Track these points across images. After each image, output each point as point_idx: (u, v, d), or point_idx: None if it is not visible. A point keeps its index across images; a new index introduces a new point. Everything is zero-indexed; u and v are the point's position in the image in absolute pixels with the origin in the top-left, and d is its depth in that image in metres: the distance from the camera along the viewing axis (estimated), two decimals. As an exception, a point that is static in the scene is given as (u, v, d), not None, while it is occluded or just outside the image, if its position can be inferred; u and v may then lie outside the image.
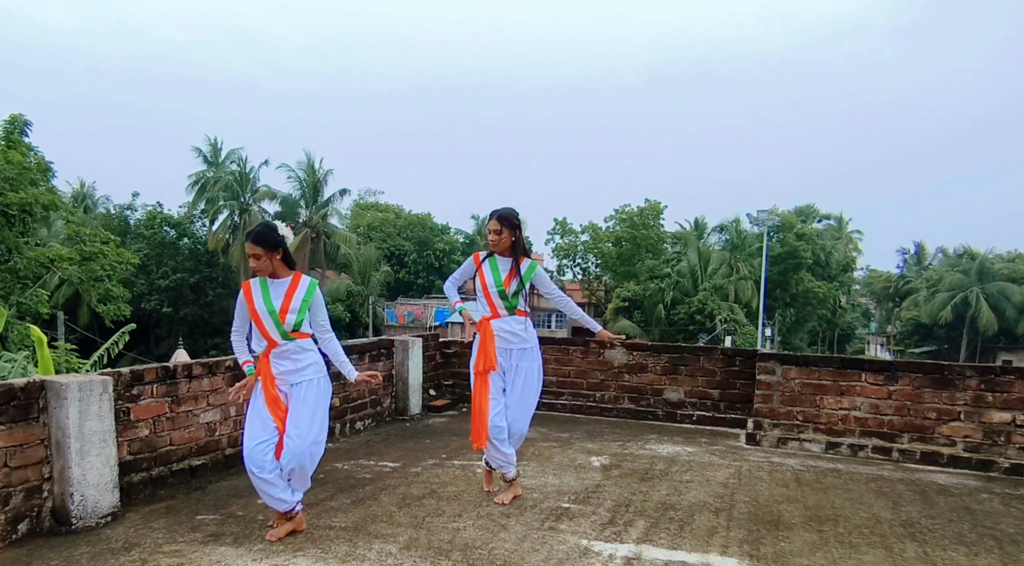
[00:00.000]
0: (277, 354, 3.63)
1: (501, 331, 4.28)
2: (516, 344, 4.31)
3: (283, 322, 3.59)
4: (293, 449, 3.56)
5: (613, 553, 3.60)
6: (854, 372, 5.98)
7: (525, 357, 4.35)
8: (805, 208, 49.17)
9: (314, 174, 40.60)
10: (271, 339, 3.61)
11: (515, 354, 4.32)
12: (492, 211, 4.33)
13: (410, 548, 3.59)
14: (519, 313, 4.32)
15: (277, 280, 3.66)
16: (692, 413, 6.98)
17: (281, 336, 3.61)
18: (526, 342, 4.34)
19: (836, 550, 3.74)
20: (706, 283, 37.12)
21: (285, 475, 3.62)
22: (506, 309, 4.28)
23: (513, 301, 4.28)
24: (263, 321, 3.60)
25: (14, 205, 17.50)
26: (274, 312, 3.58)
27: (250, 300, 3.64)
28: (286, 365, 3.63)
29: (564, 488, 4.71)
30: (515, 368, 4.33)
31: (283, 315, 3.59)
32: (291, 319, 3.60)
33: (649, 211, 41.58)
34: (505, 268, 4.28)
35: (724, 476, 5.12)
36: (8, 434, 3.57)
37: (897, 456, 5.77)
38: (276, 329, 3.60)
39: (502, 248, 4.29)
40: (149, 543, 3.60)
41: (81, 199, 41.66)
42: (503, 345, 4.30)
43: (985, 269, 47.33)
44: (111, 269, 21.32)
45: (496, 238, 4.26)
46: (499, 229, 4.25)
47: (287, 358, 3.63)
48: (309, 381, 3.67)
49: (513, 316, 4.30)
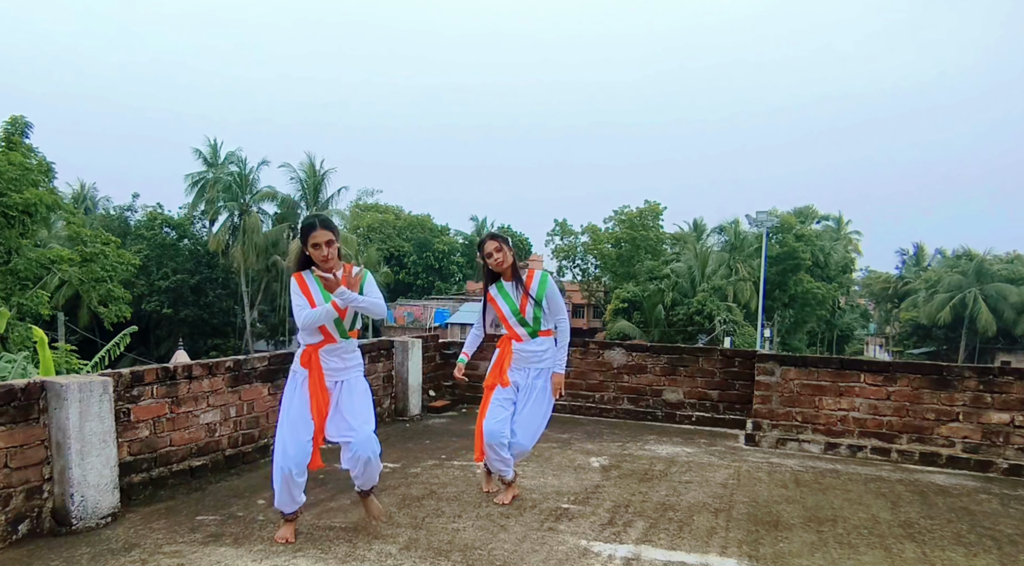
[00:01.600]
0: (329, 351, 3.58)
1: (522, 351, 4.27)
2: (534, 363, 4.28)
3: (343, 319, 3.55)
4: (359, 440, 3.53)
5: (612, 554, 3.61)
6: (853, 373, 5.99)
7: (543, 376, 4.31)
8: (804, 209, 49.22)
9: (315, 175, 40.62)
10: (329, 335, 3.55)
11: (532, 372, 4.29)
12: (485, 234, 4.33)
13: (410, 549, 3.60)
14: (542, 334, 4.28)
15: (331, 275, 3.52)
16: (691, 414, 6.99)
17: (340, 334, 3.58)
18: (545, 361, 4.30)
19: (835, 551, 3.75)
20: (705, 284, 37.14)
21: (355, 473, 3.63)
22: (529, 334, 4.26)
23: (535, 325, 4.25)
24: None
25: (16, 206, 17.51)
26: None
27: (307, 293, 3.51)
28: (336, 363, 3.60)
29: (563, 489, 4.72)
30: (530, 386, 4.30)
31: (343, 313, 3.50)
32: (350, 316, 3.56)
33: (648, 212, 41.61)
34: (514, 292, 4.24)
35: (723, 477, 5.13)
36: (8, 435, 3.57)
37: (896, 457, 5.78)
38: (335, 327, 3.56)
39: (506, 267, 4.24)
40: (149, 544, 3.61)
41: (81, 200, 41.68)
42: (521, 364, 4.29)
43: (983, 270, 47.36)
44: (112, 270, 21.32)
45: (500, 256, 4.20)
46: (500, 247, 4.21)
47: (338, 356, 3.60)
48: (356, 377, 3.68)
49: (536, 338, 4.27)
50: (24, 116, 20.31)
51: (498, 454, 4.24)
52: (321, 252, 3.46)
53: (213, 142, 40.26)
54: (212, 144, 40.26)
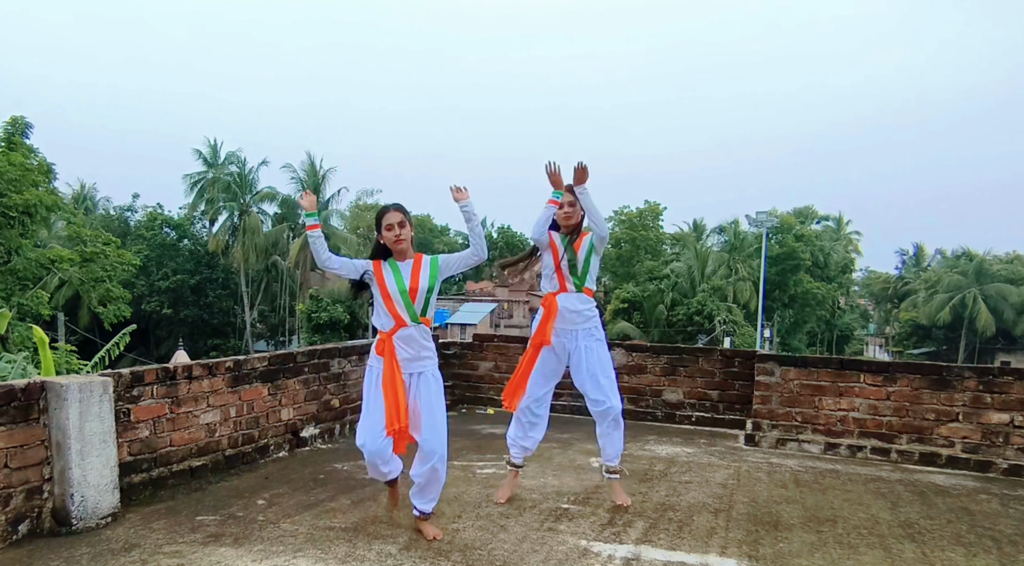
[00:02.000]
0: (402, 337, 3.61)
1: (566, 309, 4.19)
2: (580, 323, 4.21)
3: (414, 302, 3.61)
4: (432, 448, 3.59)
5: (612, 554, 3.61)
6: (853, 373, 6.00)
7: (591, 336, 4.24)
8: (804, 209, 49.28)
9: (315, 175, 40.65)
10: (400, 319, 3.60)
11: (580, 334, 4.22)
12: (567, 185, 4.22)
13: (410, 549, 3.60)
14: (587, 291, 4.25)
15: (403, 262, 3.66)
16: (691, 414, 7.00)
17: (411, 318, 3.61)
18: (591, 321, 4.24)
19: (835, 551, 3.75)
20: (705, 284, 37.16)
21: (419, 482, 3.65)
22: (575, 285, 4.22)
23: (583, 276, 4.22)
24: (394, 301, 3.60)
25: (16, 207, 17.53)
26: (405, 291, 3.59)
27: (382, 278, 3.62)
28: (409, 352, 3.62)
29: (563, 489, 4.72)
30: (581, 349, 4.22)
31: (413, 295, 3.60)
32: (421, 300, 3.62)
33: (648, 212, 41.66)
34: (574, 240, 4.23)
35: (723, 477, 5.14)
36: (9, 435, 3.58)
37: (896, 457, 5.78)
38: (407, 310, 3.61)
39: (575, 222, 4.22)
40: (149, 544, 3.61)
41: (81, 200, 41.68)
42: (566, 325, 4.21)
43: (983, 270, 47.39)
44: (112, 270, 21.33)
45: (571, 210, 4.18)
46: (573, 201, 4.17)
47: (410, 344, 3.63)
48: (431, 373, 3.69)
49: (581, 293, 4.24)
50: (24, 117, 20.36)
51: (527, 434, 4.34)
52: (395, 233, 3.58)
53: (213, 142, 40.32)
54: (212, 144, 40.32)
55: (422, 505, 3.76)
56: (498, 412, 7.13)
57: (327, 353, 6.04)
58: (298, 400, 5.68)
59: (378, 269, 3.67)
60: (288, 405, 5.58)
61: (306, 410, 5.75)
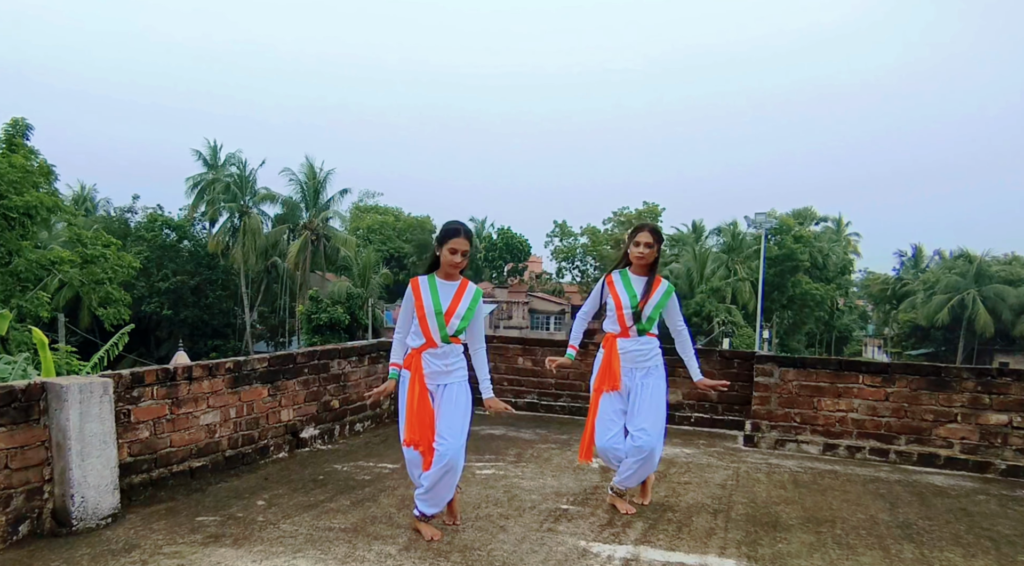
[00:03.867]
0: (431, 354, 3.65)
1: (627, 351, 4.16)
2: (641, 363, 4.18)
3: (447, 324, 3.64)
4: (445, 450, 3.59)
5: (612, 554, 3.62)
6: (851, 374, 6.01)
7: (651, 374, 4.20)
8: (803, 211, 49.33)
9: (315, 177, 40.66)
10: (431, 339, 3.64)
11: (640, 373, 4.18)
12: (641, 223, 4.18)
13: (409, 549, 3.61)
14: (649, 334, 4.20)
15: (447, 283, 3.70)
16: (690, 415, 7.01)
17: (442, 339, 3.64)
18: (652, 360, 4.20)
19: (833, 551, 3.76)
20: (704, 285, 37.17)
21: (429, 483, 3.66)
22: (638, 331, 4.16)
23: (646, 324, 4.16)
24: (428, 320, 3.63)
25: (17, 208, 17.53)
26: (440, 313, 3.63)
27: (418, 296, 3.67)
28: (437, 365, 3.66)
29: (563, 490, 4.73)
30: (640, 386, 4.18)
31: (448, 318, 3.64)
32: (455, 323, 3.65)
33: (647, 213, 41.68)
34: (640, 287, 4.15)
35: (722, 478, 5.14)
36: (9, 436, 3.58)
37: (894, 458, 5.79)
38: (439, 331, 3.63)
39: (647, 263, 4.15)
40: (149, 544, 3.62)
41: (82, 202, 41.68)
42: (628, 364, 4.17)
43: (982, 272, 47.44)
44: (112, 272, 21.32)
45: (648, 251, 4.11)
46: (652, 243, 4.11)
47: (439, 359, 3.66)
48: (458, 384, 3.72)
49: (644, 337, 4.19)
50: (25, 118, 20.35)
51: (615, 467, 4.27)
52: (456, 259, 3.63)
53: (213, 144, 40.34)
54: (212, 146, 40.33)
55: (424, 507, 3.76)
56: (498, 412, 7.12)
57: (327, 354, 6.05)
58: (298, 401, 5.68)
59: (416, 287, 3.70)
60: (288, 406, 5.59)
61: (306, 411, 5.76)
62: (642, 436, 4.09)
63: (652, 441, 4.09)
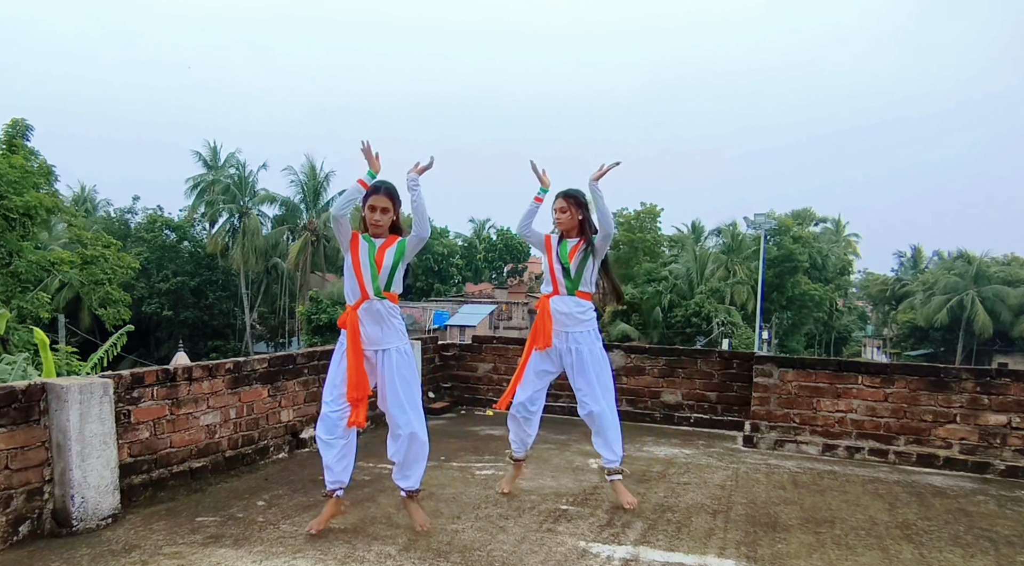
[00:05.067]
0: (366, 310, 3.68)
1: (559, 312, 4.24)
2: (572, 327, 4.24)
3: (379, 274, 3.68)
4: (398, 423, 3.66)
5: (611, 555, 3.63)
6: (851, 375, 6.01)
7: (584, 339, 4.26)
8: (802, 212, 49.29)
9: (315, 178, 40.66)
10: (365, 291, 3.68)
11: (572, 337, 4.25)
12: (559, 191, 4.29)
13: (409, 550, 3.62)
14: (580, 294, 4.26)
15: (377, 239, 3.75)
16: (689, 415, 7.01)
17: (374, 291, 3.68)
18: (584, 324, 4.26)
19: (833, 552, 3.77)
20: (703, 286, 37.16)
21: (397, 462, 3.72)
22: (567, 288, 4.24)
23: (576, 280, 4.23)
24: (362, 272, 3.67)
25: (17, 209, 17.52)
26: (373, 264, 3.68)
27: (355, 249, 3.70)
28: (373, 329, 3.69)
29: (562, 490, 4.73)
30: (574, 351, 4.24)
31: (379, 267, 3.68)
32: (384, 275, 3.68)
33: (645, 214, 41.67)
34: (572, 245, 4.25)
35: (721, 478, 5.15)
36: (9, 436, 3.59)
37: (893, 458, 5.80)
38: (371, 282, 3.68)
39: (567, 227, 4.27)
40: (149, 545, 3.62)
41: (82, 203, 41.65)
42: (560, 327, 4.24)
43: (981, 272, 47.41)
44: (111, 273, 21.30)
45: (563, 216, 4.24)
46: (565, 208, 4.23)
47: (374, 319, 3.68)
48: (396, 350, 3.74)
49: (573, 297, 4.25)
50: (25, 119, 20.35)
51: (522, 428, 4.41)
52: (375, 216, 3.68)
53: (213, 145, 40.34)
54: (212, 147, 40.34)
55: (405, 483, 3.81)
56: (497, 413, 7.13)
57: (327, 355, 6.03)
58: (298, 401, 5.69)
59: (355, 240, 3.75)
60: (288, 407, 5.59)
61: (306, 412, 5.77)
62: (587, 402, 4.25)
63: (598, 406, 4.23)
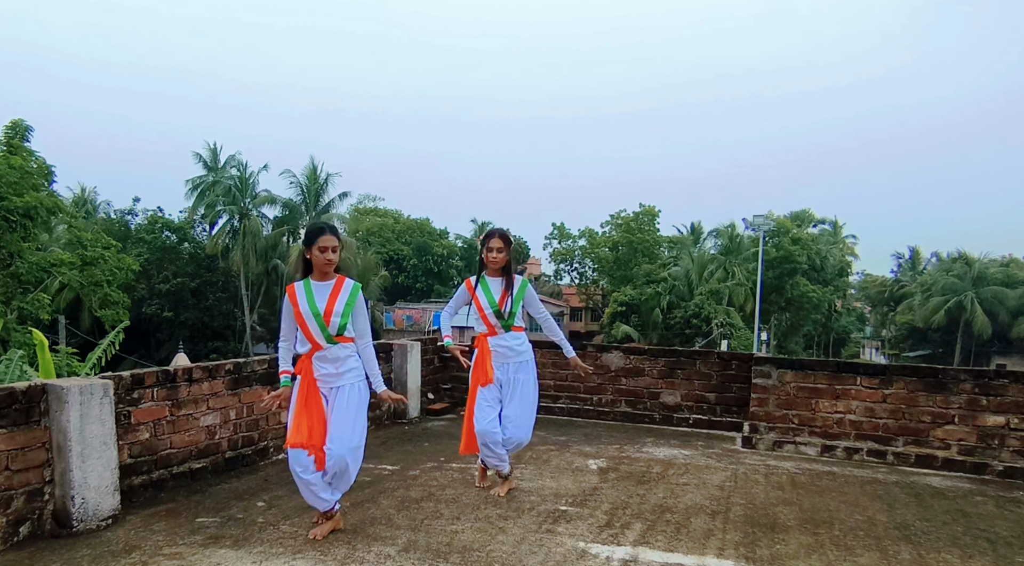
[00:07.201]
0: (320, 357, 3.67)
1: (498, 347, 4.47)
2: (512, 358, 4.49)
3: (328, 325, 3.63)
4: (335, 454, 3.63)
5: (610, 555, 3.64)
6: (849, 376, 6.03)
7: (522, 369, 4.54)
8: (801, 213, 49.36)
9: (316, 180, 40.65)
10: (315, 342, 3.65)
11: (512, 367, 4.50)
12: (492, 229, 4.53)
13: (408, 550, 3.63)
14: (515, 329, 4.51)
15: (322, 283, 3.69)
16: (688, 416, 7.02)
17: (325, 339, 3.64)
18: (522, 355, 4.53)
19: (831, 552, 3.78)
20: (702, 287, 37.18)
21: (328, 479, 3.70)
22: (503, 327, 4.46)
23: (509, 320, 4.46)
24: (308, 324, 3.63)
25: (17, 210, 17.50)
26: (319, 315, 3.62)
27: (295, 303, 3.67)
28: (328, 369, 3.67)
29: (561, 491, 4.74)
30: (512, 381, 4.50)
31: (327, 318, 3.62)
32: (335, 322, 3.64)
33: (644, 215, 41.71)
34: (497, 289, 4.46)
35: (720, 479, 5.16)
36: (10, 437, 3.60)
37: (892, 459, 5.81)
38: (321, 332, 3.64)
39: (499, 266, 4.46)
40: (149, 545, 3.63)
41: (82, 204, 41.61)
42: (500, 360, 4.48)
43: (979, 274, 47.43)
44: (111, 274, 21.29)
45: (498, 256, 4.43)
46: (502, 247, 4.43)
47: (329, 362, 3.67)
48: (350, 385, 3.71)
49: (510, 332, 4.49)
50: (24, 120, 20.36)
51: (493, 451, 4.45)
52: (328, 256, 3.64)
53: (213, 146, 40.31)
54: (212, 148, 40.31)
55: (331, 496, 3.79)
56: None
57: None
58: (297, 403, 5.69)
59: (292, 293, 3.70)
60: (287, 408, 5.58)
61: (305, 413, 5.76)
62: (510, 428, 4.47)
63: (520, 433, 4.51)
